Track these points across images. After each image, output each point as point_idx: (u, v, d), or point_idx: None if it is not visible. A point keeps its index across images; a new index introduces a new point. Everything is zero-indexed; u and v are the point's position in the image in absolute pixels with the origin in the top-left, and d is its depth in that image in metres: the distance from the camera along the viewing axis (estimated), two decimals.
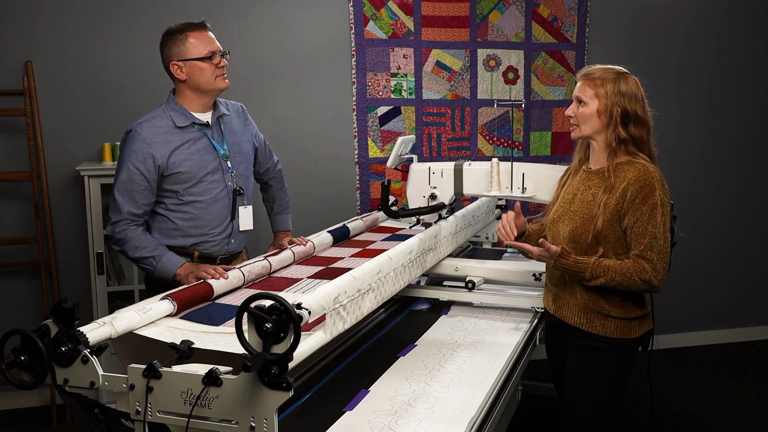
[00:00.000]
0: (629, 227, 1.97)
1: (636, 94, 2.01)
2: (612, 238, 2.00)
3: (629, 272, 1.94)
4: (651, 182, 1.94)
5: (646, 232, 1.93)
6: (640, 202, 1.94)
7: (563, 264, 2.03)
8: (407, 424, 1.70)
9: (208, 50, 2.32)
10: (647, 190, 1.94)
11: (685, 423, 3.35)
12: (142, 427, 1.47)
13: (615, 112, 1.99)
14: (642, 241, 1.94)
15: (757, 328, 4.48)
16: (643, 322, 2.08)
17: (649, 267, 1.93)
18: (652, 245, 1.93)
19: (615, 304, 2.03)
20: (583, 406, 2.11)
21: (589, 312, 2.06)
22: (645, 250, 1.94)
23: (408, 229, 2.88)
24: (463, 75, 3.88)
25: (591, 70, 2.06)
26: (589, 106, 2.03)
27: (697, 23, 4.14)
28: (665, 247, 1.95)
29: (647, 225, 1.93)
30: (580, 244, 2.04)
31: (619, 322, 2.04)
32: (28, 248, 3.49)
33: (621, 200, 1.96)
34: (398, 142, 2.71)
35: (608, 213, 1.98)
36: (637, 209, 1.94)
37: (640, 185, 1.94)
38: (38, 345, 1.45)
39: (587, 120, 2.04)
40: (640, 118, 2.01)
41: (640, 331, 2.07)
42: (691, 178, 4.24)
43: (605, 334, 2.05)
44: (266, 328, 1.31)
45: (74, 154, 3.44)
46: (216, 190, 2.39)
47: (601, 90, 2.00)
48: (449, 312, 2.59)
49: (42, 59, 3.38)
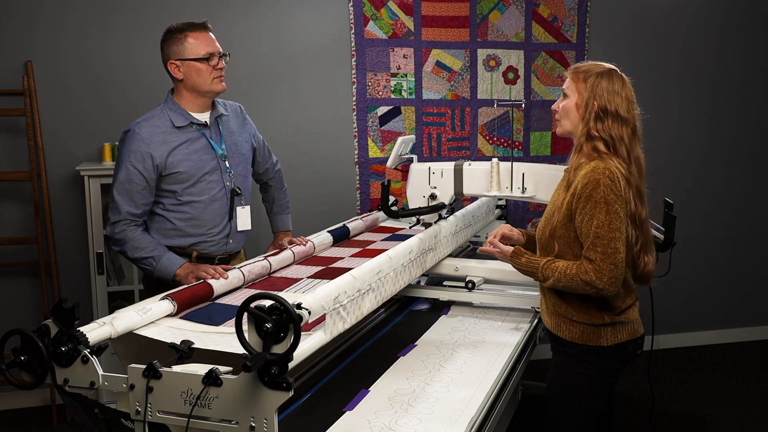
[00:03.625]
0: (578, 227, 1.90)
1: (619, 90, 1.91)
2: (567, 238, 1.94)
3: (572, 273, 1.87)
4: (596, 179, 1.84)
5: (590, 231, 1.85)
6: (585, 200, 1.86)
7: (517, 263, 2.04)
8: (407, 424, 1.70)
9: (207, 51, 2.32)
10: (591, 188, 1.84)
11: (685, 423, 3.35)
12: (142, 427, 1.47)
13: (591, 105, 1.91)
14: (586, 240, 1.87)
15: (757, 328, 4.48)
16: (620, 329, 1.96)
17: (591, 268, 1.84)
18: (595, 245, 1.84)
19: (577, 309, 1.96)
20: (559, 410, 2.05)
21: (557, 316, 2.01)
22: (588, 250, 1.86)
23: (408, 229, 2.88)
24: (463, 75, 3.88)
25: (579, 64, 2.01)
26: (570, 99, 1.97)
27: (697, 23, 4.14)
28: (612, 247, 1.83)
29: (591, 224, 1.85)
30: (541, 242, 2.03)
31: (584, 327, 1.95)
32: (28, 248, 3.49)
33: (572, 198, 1.90)
34: (398, 142, 2.71)
35: (562, 212, 1.93)
36: (582, 207, 1.86)
37: (585, 182, 1.86)
38: (38, 345, 1.45)
39: (567, 114, 1.98)
40: (621, 115, 1.90)
41: (615, 340, 1.95)
42: (691, 178, 4.24)
43: (571, 339, 1.98)
44: (266, 328, 1.31)
45: (74, 154, 3.44)
46: (214, 191, 2.39)
47: (582, 84, 1.93)
48: (449, 312, 2.60)
49: (42, 59, 3.38)
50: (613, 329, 1.96)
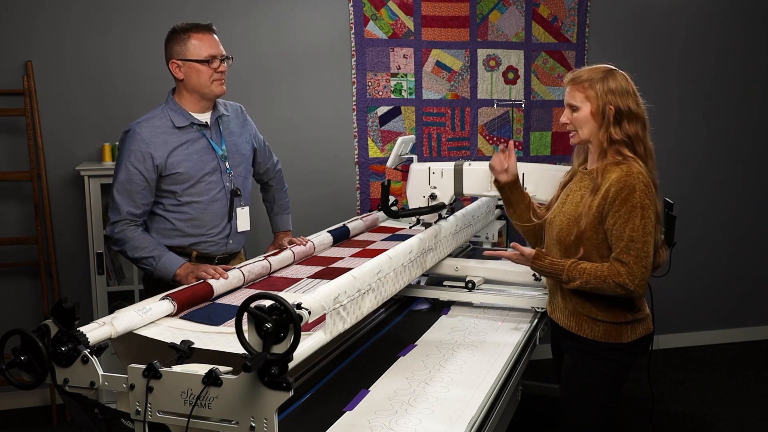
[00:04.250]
0: (609, 229, 1.94)
1: (626, 88, 1.97)
2: (595, 240, 1.97)
3: (603, 275, 1.91)
4: (632, 183, 1.90)
5: (624, 234, 1.90)
6: (620, 204, 1.91)
7: (539, 266, 2.03)
8: (407, 424, 1.70)
9: (208, 53, 2.31)
10: (627, 192, 1.90)
11: (685, 423, 3.35)
12: (142, 427, 1.47)
13: (608, 111, 1.96)
14: (619, 243, 1.91)
15: (757, 328, 4.48)
16: (638, 326, 2.03)
17: (624, 270, 1.89)
18: (629, 248, 1.89)
19: (602, 308, 2.00)
20: (576, 409, 2.08)
21: (577, 315, 2.04)
22: (621, 253, 1.90)
23: (408, 229, 2.88)
24: (463, 75, 3.88)
25: (577, 73, 2.02)
26: (582, 110, 2.00)
27: (697, 23, 4.14)
28: (645, 251, 1.89)
29: (624, 227, 1.89)
30: (564, 244, 2.04)
31: (607, 326, 2.01)
32: (28, 248, 3.49)
33: (603, 202, 1.94)
34: (398, 142, 2.71)
35: (591, 214, 1.96)
36: (617, 211, 1.91)
37: (620, 186, 1.91)
38: (38, 345, 1.45)
39: (583, 124, 2.01)
40: (633, 112, 1.97)
41: (634, 336, 2.02)
42: (691, 178, 4.24)
43: (594, 338, 2.02)
44: (266, 328, 1.31)
45: (74, 154, 3.44)
46: (214, 191, 2.39)
47: (591, 92, 1.97)
48: (449, 312, 2.60)
49: (42, 59, 3.37)
50: (632, 326, 2.03)
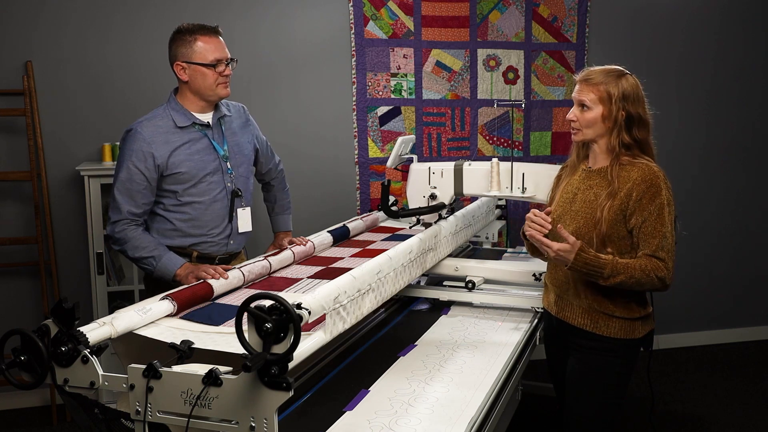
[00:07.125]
0: (636, 227, 1.96)
1: (638, 94, 2.01)
2: (615, 238, 1.99)
3: (647, 269, 1.93)
4: (657, 182, 1.96)
5: (656, 232, 1.94)
6: (648, 202, 1.95)
7: (584, 258, 1.91)
8: (407, 424, 1.70)
9: (214, 57, 2.30)
10: (654, 191, 1.95)
11: (685, 423, 3.35)
12: (142, 427, 1.47)
13: (620, 117, 1.98)
14: (653, 241, 1.94)
15: (757, 328, 4.48)
16: (646, 322, 2.08)
17: (662, 266, 1.94)
18: (662, 245, 1.94)
19: (620, 305, 2.03)
20: (587, 408, 2.10)
21: (593, 313, 2.06)
22: (657, 250, 1.94)
23: (408, 229, 2.89)
24: (463, 75, 3.88)
25: (591, 73, 2.03)
26: (592, 111, 2.01)
27: (697, 23, 4.13)
28: (673, 246, 1.97)
29: (656, 225, 1.94)
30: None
31: (623, 322, 2.04)
32: (28, 248, 3.49)
33: (626, 201, 1.96)
34: (398, 142, 2.71)
35: (612, 215, 1.98)
36: (645, 209, 1.95)
37: (646, 185, 1.95)
38: (38, 345, 1.45)
39: (591, 125, 2.02)
40: (642, 119, 2.01)
41: (643, 331, 2.07)
42: (691, 178, 4.24)
43: (609, 335, 2.04)
44: (266, 328, 1.31)
45: (74, 154, 3.44)
46: (215, 191, 2.39)
47: (605, 94, 1.99)
48: (449, 312, 2.60)
49: (42, 59, 3.37)
50: (643, 322, 2.07)
